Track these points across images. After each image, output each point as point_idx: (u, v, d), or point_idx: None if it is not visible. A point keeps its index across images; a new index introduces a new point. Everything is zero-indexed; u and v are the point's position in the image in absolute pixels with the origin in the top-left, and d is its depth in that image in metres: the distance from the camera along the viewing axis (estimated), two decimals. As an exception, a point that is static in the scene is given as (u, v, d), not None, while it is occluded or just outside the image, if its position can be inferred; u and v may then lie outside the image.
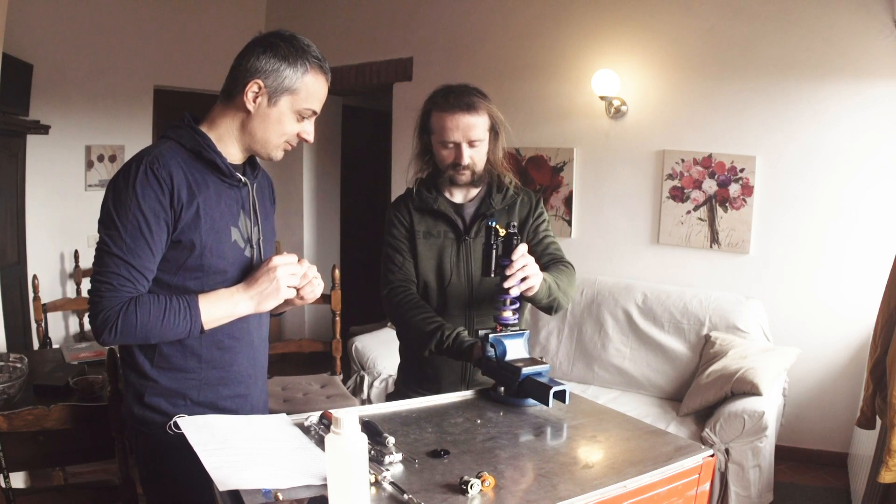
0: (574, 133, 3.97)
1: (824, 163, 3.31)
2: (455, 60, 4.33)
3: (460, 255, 1.82)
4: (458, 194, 1.88)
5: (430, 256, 1.83)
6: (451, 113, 1.73)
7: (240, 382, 1.48)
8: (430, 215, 1.84)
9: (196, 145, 1.37)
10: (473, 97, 1.76)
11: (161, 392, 1.39)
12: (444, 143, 1.76)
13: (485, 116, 1.77)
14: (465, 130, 1.74)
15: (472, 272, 1.82)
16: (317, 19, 5.04)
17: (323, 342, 3.49)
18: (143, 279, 1.32)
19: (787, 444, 3.36)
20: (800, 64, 3.31)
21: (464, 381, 1.85)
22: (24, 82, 3.93)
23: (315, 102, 1.40)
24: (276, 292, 1.37)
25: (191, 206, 1.34)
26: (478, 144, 1.77)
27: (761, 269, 3.49)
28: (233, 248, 1.42)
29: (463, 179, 1.80)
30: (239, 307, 1.36)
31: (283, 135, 1.40)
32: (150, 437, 1.39)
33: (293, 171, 5.27)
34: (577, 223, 4.02)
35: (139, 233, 1.29)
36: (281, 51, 1.35)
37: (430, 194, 1.85)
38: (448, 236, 1.83)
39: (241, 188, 1.46)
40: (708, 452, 1.26)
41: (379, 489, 1.07)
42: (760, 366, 2.84)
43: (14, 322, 3.67)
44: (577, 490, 1.09)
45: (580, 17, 3.90)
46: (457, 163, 1.77)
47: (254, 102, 1.36)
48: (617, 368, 3.47)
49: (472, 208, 1.86)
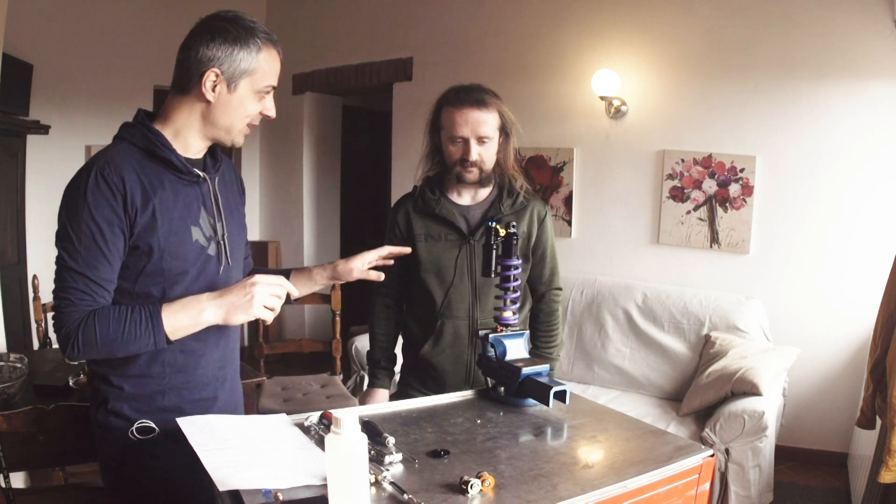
0: (574, 133, 3.97)
1: (824, 163, 3.31)
2: (455, 60, 4.33)
3: (463, 257, 1.81)
4: (465, 195, 1.87)
5: (430, 259, 1.83)
6: (460, 108, 1.74)
7: (206, 386, 1.43)
8: (432, 218, 1.83)
9: (149, 144, 1.31)
10: (484, 94, 1.78)
11: (125, 397, 1.35)
12: (453, 138, 1.76)
13: (495, 114, 1.77)
14: (474, 125, 1.74)
15: (476, 274, 1.81)
16: (317, 19, 5.04)
17: (323, 342, 3.49)
18: (103, 290, 1.27)
19: (787, 444, 3.36)
20: (800, 64, 3.31)
21: (467, 382, 1.85)
22: (24, 82, 3.93)
23: (272, 78, 1.38)
24: (248, 307, 1.27)
25: (146, 209, 1.28)
26: (486, 142, 1.77)
27: (761, 269, 3.49)
28: (193, 247, 1.36)
29: (470, 177, 1.79)
30: (205, 315, 1.28)
31: (247, 117, 1.37)
32: (114, 444, 1.36)
33: (293, 171, 5.27)
34: (577, 223, 4.02)
35: (94, 244, 1.24)
36: (231, 34, 1.30)
37: (433, 196, 1.84)
38: (450, 238, 1.82)
39: (200, 184, 1.39)
40: (708, 452, 1.26)
41: (379, 489, 1.07)
42: (760, 366, 2.84)
43: (14, 322, 3.67)
44: (577, 490, 1.09)
45: (580, 17, 3.90)
46: (464, 159, 1.76)
47: (213, 91, 1.31)
48: (617, 368, 3.47)
49: (480, 211, 1.85)
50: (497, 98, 1.80)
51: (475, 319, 1.83)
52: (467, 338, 1.84)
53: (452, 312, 1.82)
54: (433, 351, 1.85)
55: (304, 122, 5.16)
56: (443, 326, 1.83)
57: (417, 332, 1.90)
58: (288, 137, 5.25)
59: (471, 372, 1.85)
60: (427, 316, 1.86)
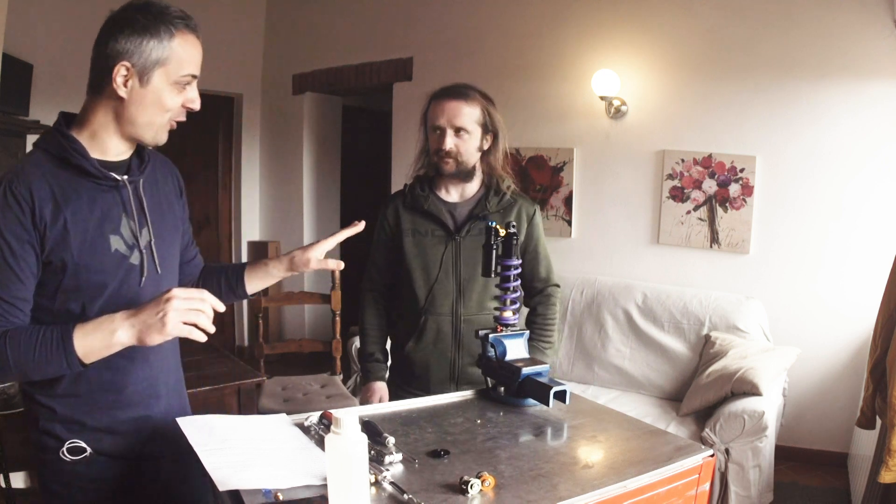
0: (574, 133, 3.97)
1: (824, 163, 3.31)
2: (455, 60, 4.33)
3: (449, 253, 1.83)
4: (453, 192, 1.89)
5: (416, 254, 1.84)
6: (440, 99, 1.79)
7: (136, 405, 1.35)
8: (420, 214, 1.85)
9: (62, 151, 1.23)
10: (468, 89, 1.81)
11: (55, 417, 1.28)
12: (433, 128, 1.80)
13: (475, 109, 1.79)
14: (450, 115, 1.77)
15: (461, 270, 1.83)
16: (317, 19, 5.04)
17: (323, 342, 3.49)
18: (17, 310, 1.19)
19: (787, 444, 3.36)
20: (800, 64, 3.31)
21: (452, 379, 1.87)
22: (24, 82, 3.93)
23: (191, 66, 1.26)
24: (162, 327, 1.12)
25: (56, 222, 1.19)
26: (463, 134, 1.79)
27: (761, 269, 3.49)
28: (112, 258, 1.27)
29: (446, 168, 1.81)
30: (117, 336, 1.14)
31: (167, 112, 1.26)
32: (49, 464, 1.30)
33: (293, 171, 5.27)
34: (577, 223, 4.02)
35: (3, 261, 1.17)
36: (139, 23, 1.20)
37: (422, 192, 1.86)
38: (436, 234, 1.84)
39: (119, 189, 1.29)
40: (708, 452, 1.26)
41: (379, 489, 1.07)
42: (760, 366, 2.84)
43: (14, 322, 3.66)
44: (577, 490, 1.09)
45: (580, 17, 3.90)
46: (439, 148, 1.79)
47: (125, 87, 1.21)
48: (617, 368, 3.47)
49: (467, 208, 1.87)
50: (484, 97, 1.83)
51: (459, 316, 1.84)
52: (451, 335, 1.85)
53: (436, 309, 1.84)
54: (416, 348, 1.86)
55: (304, 122, 5.16)
56: (426, 323, 1.84)
57: (401, 329, 1.91)
58: (288, 137, 5.25)
59: (456, 369, 1.86)
60: (411, 312, 1.87)
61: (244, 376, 2.54)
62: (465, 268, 1.82)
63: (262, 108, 5.36)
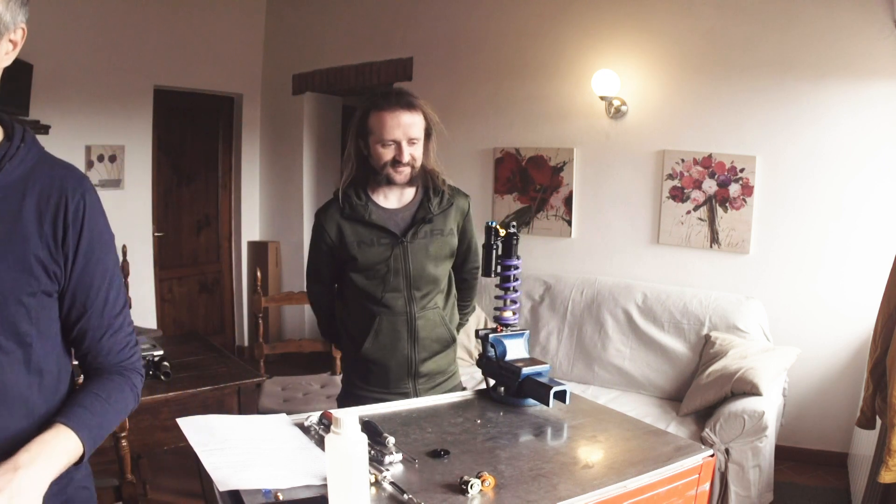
0: (574, 133, 3.97)
1: (824, 163, 3.30)
2: (455, 60, 4.33)
3: (397, 256, 1.84)
4: (392, 198, 1.89)
5: (365, 261, 1.84)
6: (391, 111, 1.78)
7: None
8: (362, 224, 1.84)
9: None
10: (412, 98, 1.82)
11: None
12: (384, 141, 1.79)
13: (421, 116, 1.82)
14: (406, 128, 1.78)
15: (411, 270, 1.84)
16: (317, 19, 5.04)
17: (323, 342, 3.49)
18: None
19: (787, 444, 3.36)
20: (800, 64, 3.31)
21: (409, 374, 1.88)
22: (24, 82, 3.93)
23: None
24: None
25: None
26: (416, 143, 1.81)
27: (761, 269, 3.49)
28: None
29: (401, 178, 1.82)
30: None
31: None
32: None
33: (293, 171, 5.26)
34: (577, 223, 4.02)
35: None
36: None
37: (359, 201, 1.85)
38: (382, 242, 1.84)
39: None
40: (708, 452, 1.26)
41: (379, 489, 1.07)
42: (760, 366, 2.84)
43: (14, 322, 3.66)
44: (577, 490, 1.09)
45: (580, 17, 3.90)
46: (396, 160, 1.79)
47: None
48: (617, 368, 3.47)
49: (409, 213, 1.88)
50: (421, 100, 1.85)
51: (412, 315, 1.86)
52: (406, 333, 1.86)
53: (389, 309, 1.85)
54: (373, 347, 1.87)
55: (304, 122, 5.16)
56: (381, 323, 1.85)
57: (355, 331, 1.91)
58: (288, 137, 5.25)
59: (413, 366, 1.88)
60: (364, 314, 1.88)
61: (244, 376, 2.54)
62: (414, 268, 1.84)
63: (262, 108, 5.36)
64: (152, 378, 2.41)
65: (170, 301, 5.13)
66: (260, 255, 5.34)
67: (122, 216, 4.65)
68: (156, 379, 2.40)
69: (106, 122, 4.49)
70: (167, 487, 3.12)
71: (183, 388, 2.35)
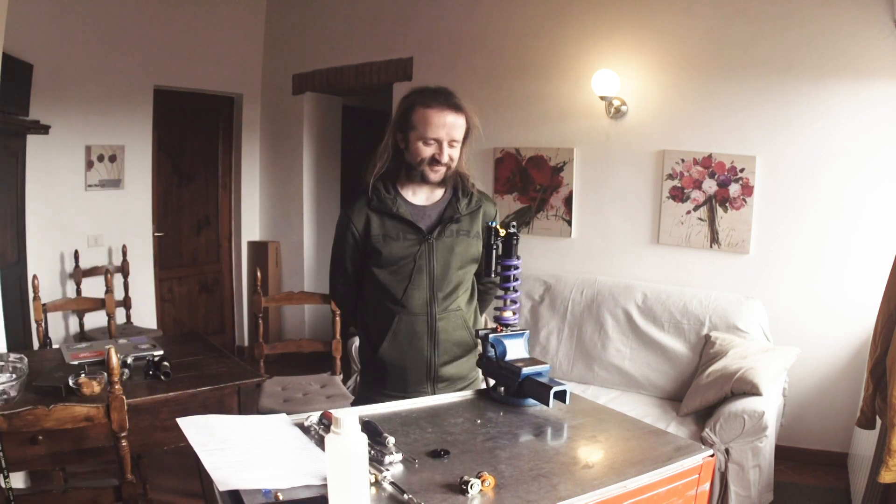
0: (574, 133, 3.97)
1: (824, 163, 3.30)
2: (455, 60, 4.34)
3: (422, 254, 1.83)
4: (420, 195, 1.88)
5: (389, 255, 1.83)
6: (439, 110, 1.78)
7: None
8: (389, 217, 1.84)
9: None
10: (458, 99, 1.82)
11: None
12: (427, 139, 1.78)
13: (465, 119, 1.82)
14: (450, 129, 1.78)
15: (434, 269, 1.83)
16: (317, 19, 5.04)
17: (323, 342, 3.49)
18: None
19: (787, 444, 3.36)
20: (800, 64, 3.31)
21: (429, 378, 1.86)
22: (24, 82, 3.93)
23: None
24: None
25: None
26: (456, 145, 1.81)
27: (761, 269, 3.49)
28: None
29: (435, 177, 1.82)
30: None
31: None
32: None
33: (293, 171, 5.26)
34: (577, 223, 4.02)
35: None
36: None
37: (388, 194, 1.85)
38: (408, 238, 1.83)
39: None
40: (708, 452, 1.26)
41: (379, 489, 1.07)
42: (760, 366, 2.84)
43: (14, 322, 3.66)
44: (577, 490, 1.09)
45: (580, 17, 3.90)
46: (435, 159, 1.79)
47: None
48: (617, 368, 3.47)
49: (436, 211, 1.87)
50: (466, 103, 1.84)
51: (433, 316, 1.84)
52: (426, 334, 1.84)
53: (410, 308, 1.83)
54: (391, 347, 1.84)
55: (304, 122, 5.16)
56: (400, 323, 1.83)
57: (374, 330, 1.89)
58: (288, 137, 5.25)
59: (432, 369, 1.85)
60: (384, 313, 1.86)
61: (244, 376, 2.54)
62: (439, 267, 1.83)
63: (262, 108, 5.36)
64: (152, 378, 2.41)
65: (170, 301, 5.13)
66: (260, 255, 5.34)
67: (122, 216, 4.65)
68: (156, 379, 2.40)
69: (106, 122, 4.49)
70: (167, 487, 3.12)
71: (183, 388, 2.35)
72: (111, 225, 4.59)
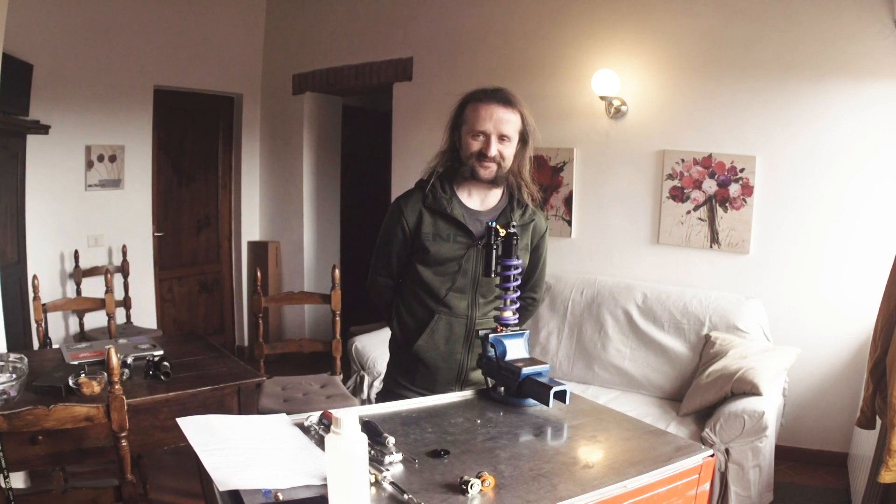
0: (574, 133, 3.97)
1: (824, 163, 3.31)
2: (455, 60, 4.33)
3: (469, 257, 1.81)
4: (476, 197, 1.86)
5: (437, 256, 1.82)
6: (486, 103, 1.77)
7: None
8: (441, 217, 1.82)
9: None
10: (511, 95, 1.81)
11: None
12: (475, 132, 1.77)
13: (518, 116, 1.80)
14: (497, 122, 1.76)
15: (479, 275, 1.82)
16: (317, 19, 5.04)
17: (323, 342, 3.49)
18: None
19: (787, 444, 3.36)
20: (800, 64, 3.31)
21: (458, 380, 1.85)
22: (24, 82, 3.93)
23: None
24: None
25: None
26: (506, 142, 1.79)
27: (761, 269, 3.49)
28: None
29: (485, 174, 1.79)
30: None
31: None
32: None
33: (293, 171, 5.27)
34: (577, 223, 4.02)
35: None
36: None
37: (444, 194, 1.83)
38: (458, 240, 1.81)
39: None
40: (708, 452, 1.26)
41: (379, 489, 1.07)
42: (760, 366, 2.84)
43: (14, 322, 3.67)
44: (577, 490, 1.09)
45: (580, 17, 3.90)
46: (483, 153, 1.77)
47: None
48: (617, 368, 3.47)
49: (489, 217, 1.84)
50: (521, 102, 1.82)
51: (473, 320, 1.83)
52: (463, 336, 1.83)
53: (451, 310, 1.82)
54: (426, 345, 1.84)
55: (304, 122, 5.16)
56: (439, 321, 1.83)
57: (412, 325, 1.88)
58: (288, 137, 5.25)
59: (463, 372, 1.84)
60: (424, 310, 1.85)
61: (244, 376, 2.54)
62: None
63: (262, 108, 5.36)
64: (152, 378, 2.41)
65: (170, 301, 5.13)
66: (260, 255, 5.34)
67: (122, 216, 4.65)
68: (156, 379, 2.40)
69: (106, 122, 4.49)
70: (167, 487, 3.12)
71: (183, 388, 2.35)
72: (111, 225, 4.59)
